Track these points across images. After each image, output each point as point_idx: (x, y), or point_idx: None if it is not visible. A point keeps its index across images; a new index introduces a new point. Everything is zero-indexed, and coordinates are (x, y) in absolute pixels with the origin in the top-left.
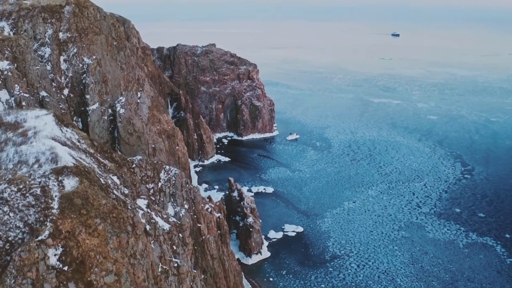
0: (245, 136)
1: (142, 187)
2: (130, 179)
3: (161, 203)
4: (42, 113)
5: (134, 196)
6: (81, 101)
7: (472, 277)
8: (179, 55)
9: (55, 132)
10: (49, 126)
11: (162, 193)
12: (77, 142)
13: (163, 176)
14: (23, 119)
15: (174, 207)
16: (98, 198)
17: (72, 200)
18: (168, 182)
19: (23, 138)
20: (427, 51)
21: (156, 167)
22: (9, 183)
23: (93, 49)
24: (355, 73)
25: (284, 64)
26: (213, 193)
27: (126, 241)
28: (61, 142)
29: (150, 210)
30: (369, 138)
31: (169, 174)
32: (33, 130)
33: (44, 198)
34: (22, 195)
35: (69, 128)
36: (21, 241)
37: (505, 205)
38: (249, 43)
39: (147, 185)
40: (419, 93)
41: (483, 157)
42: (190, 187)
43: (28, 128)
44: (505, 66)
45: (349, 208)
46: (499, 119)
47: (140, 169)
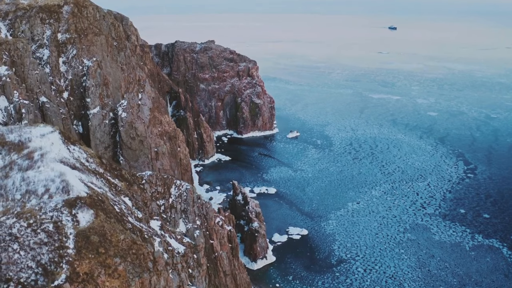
0: (245, 134)
1: (153, 205)
2: (141, 197)
3: (172, 220)
4: (47, 130)
5: (147, 218)
6: (81, 105)
7: (480, 281)
8: (178, 52)
9: (63, 154)
10: (56, 146)
11: (173, 209)
12: (86, 162)
13: (174, 191)
14: (28, 138)
15: (185, 223)
16: (116, 233)
17: (89, 237)
18: (179, 198)
19: (29, 162)
20: (424, 44)
21: (167, 182)
22: (18, 217)
23: (93, 50)
24: (353, 67)
25: (281, 59)
26: (214, 194)
27: (149, 281)
28: (70, 165)
29: (164, 231)
30: (370, 135)
31: (180, 189)
32: (39, 152)
33: (57, 235)
34: (33, 231)
35: (76, 146)
36: (34, 282)
37: (509, 205)
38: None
39: (157, 201)
40: (418, 88)
41: (485, 155)
42: (202, 203)
43: (33, 149)
44: (503, 61)
45: (353, 209)
46: (499, 116)
47: (150, 185)
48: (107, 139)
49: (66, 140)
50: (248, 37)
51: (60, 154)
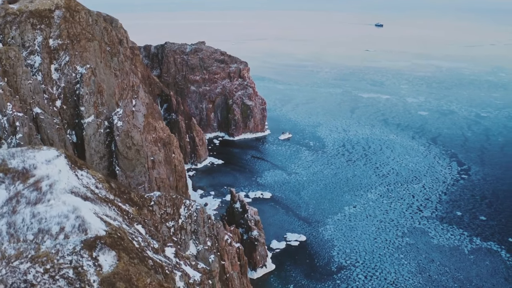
0: (236, 136)
1: (163, 228)
2: (152, 221)
3: (182, 242)
4: (52, 154)
5: (162, 247)
6: (74, 113)
7: (481, 286)
8: (168, 53)
9: (73, 182)
10: (64, 174)
11: (183, 230)
12: (96, 189)
13: (183, 212)
14: (33, 165)
15: (196, 245)
16: (142, 276)
17: (114, 284)
18: (189, 219)
19: (38, 194)
20: (411, 42)
21: (176, 203)
22: (33, 262)
23: (86, 56)
24: (341, 66)
25: (268, 57)
26: (209, 199)
27: None
28: (81, 195)
29: (179, 258)
30: (363, 136)
31: (190, 209)
32: (47, 182)
33: (79, 282)
34: (51, 278)
35: (83, 171)
36: None
37: (505, 207)
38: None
39: (167, 223)
40: (407, 87)
41: (478, 155)
42: (212, 223)
43: (40, 177)
44: (489, 58)
45: (350, 213)
46: (489, 115)
47: (159, 207)
48: (102, 148)
49: (73, 164)
50: (234, 35)
51: (70, 184)
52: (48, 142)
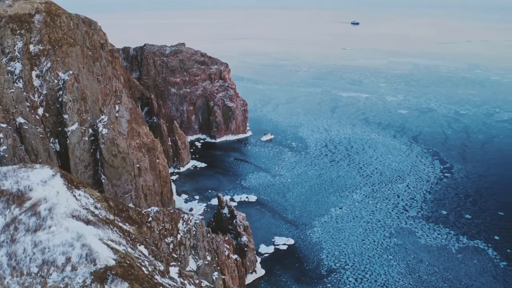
0: (218, 138)
1: (163, 245)
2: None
3: (182, 257)
4: (47, 174)
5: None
6: (57, 121)
7: (470, 285)
8: (147, 55)
9: (72, 205)
10: (62, 196)
11: (182, 246)
12: (95, 209)
13: (182, 227)
14: (28, 186)
15: (196, 260)
16: None
17: None
18: (188, 233)
19: (37, 219)
20: (387, 40)
21: (174, 217)
22: None
23: (69, 62)
24: (319, 65)
25: (246, 57)
26: (194, 204)
27: None
28: (83, 219)
29: (183, 278)
30: (344, 136)
31: (189, 224)
32: (45, 205)
33: None
34: None
35: (81, 190)
36: None
37: (489, 205)
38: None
39: (165, 239)
40: (386, 85)
41: (460, 153)
42: (212, 237)
43: (37, 200)
44: (465, 55)
45: (336, 215)
46: (468, 112)
47: (158, 222)
48: (87, 157)
49: (69, 184)
50: (210, 34)
51: (70, 206)
52: (32, 153)
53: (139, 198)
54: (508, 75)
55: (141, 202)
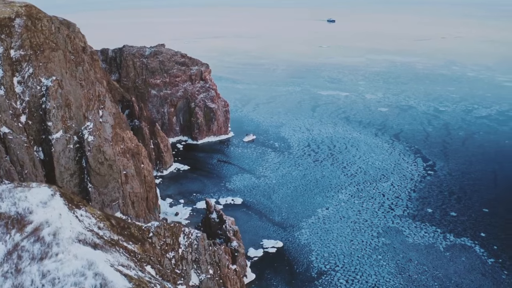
0: (200, 140)
1: (165, 261)
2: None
3: (184, 272)
4: (45, 193)
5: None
6: (41, 129)
7: (460, 283)
8: (126, 57)
9: (77, 228)
10: (65, 218)
11: (184, 260)
12: (99, 230)
13: (183, 241)
14: (27, 208)
15: (198, 274)
16: None
17: None
18: (190, 247)
19: (41, 246)
20: (363, 37)
21: (174, 231)
22: None
23: (51, 67)
24: (297, 63)
25: (224, 56)
26: (179, 208)
27: None
28: (90, 243)
29: None
30: (326, 135)
31: (190, 238)
32: (49, 230)
33: None
34: None
35: (82, 210)
36: None
37: (473, 201)
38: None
39: (167, 254)
40: (364, 83)
41: (441, 150)
42: (214, 250)
43: (39, 224)
44: (440, 51)
45: (323, 216)
46: (447, 109)
47: (159, 238)
48: (73, 165)
49: (70, 203)
50: (185, 33)
51: (75, 230)
52: (18, 164)
53: (127, 206)
54: (484, 71)
55: (128, 209)
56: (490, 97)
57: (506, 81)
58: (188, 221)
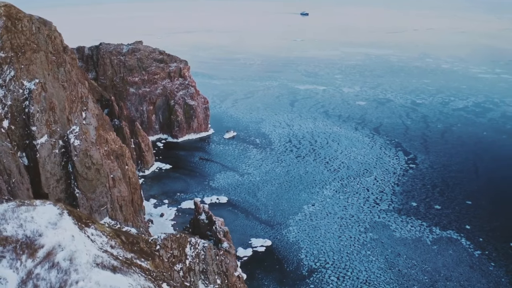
0: (180, 138)
1: (174, 274)
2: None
3: (192, 284)
4: (52, 212)
5: None
6: (24, 134)
7: (449, 276)
8: (103, 55)
9: (92, 250)
10: (78, 240)
11: (192, 272)
12: (112, 249)
13: (190, 251)
14: (36, 231)
15: (206, 285)
16: None
17: None
18: (197, 258)
19: (58, 273)
20: (337, 30)
21: (181, 242)
22: None
23: (33, 70)
24: (273, 57)
25: (197, 51)
26: (164, 208)
27: None
28: (108, 266)
29: None
30: (307, 130)
31: (197, 248)
32: (63, 254)
33: None
34: None
35: (91, 228)
36: None
37: (456, 194)
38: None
39: (174, 266)
40: (341, 76)
41: (421, 143)
42: (221, 259)
43: (51, 248)
44: (413, 44)
45: (310, 212)
46: (424, 101)
47: (166, 250)
48: (59, 170)
49: (79, 222)
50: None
51: (90, 253)
52: (5, 172)
53: (115, 210)
54: (458, 63)
55: (117, 214)
56: (466, 89)
57: (480, 72)
58: (174, 221)
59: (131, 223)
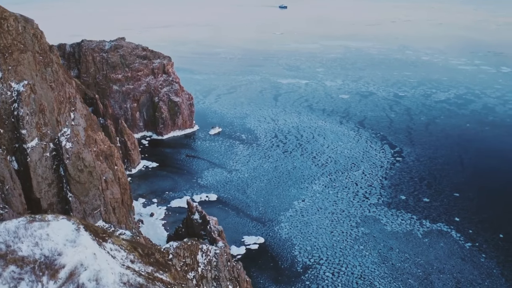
0: (165, 135)
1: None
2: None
3: None
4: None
5: None
6: (14, 137)
7: (442, 268)
8: (86, 52)
9: (116, 268)
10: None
11: (204, 279)
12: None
13: (201, 259)
14: (54, 250)
15: None
16: None
17: None
18: (209, 265)
19: None
20: (315, 23)
21: (192, 250)
22: None
23: (21, 71)
24: (253, 51)
25: (177, 46)
26: (153, 208)
27: None
28: (134, 284)
29: None
30: (292, 125)
31: (208, 255)
32: (87, 274)
33: None
34: None
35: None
36: None
37: (443, 186)
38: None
39: (187, 275)
40: (322, 70)
41: (406, 136)
42: (232, 265)
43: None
44: (392, 36)
45: (300, 208)
46: (407, 94)
47: (178, 259)
48: (50, 174)
49: (96, 237)
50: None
51: (115, 271)
52: None
53: (109, 213)
54: (437, 55)
55: (110, 217)
56: (447, 81)
57: (459, 64)
58: (164, 221)
59: (124, 225)
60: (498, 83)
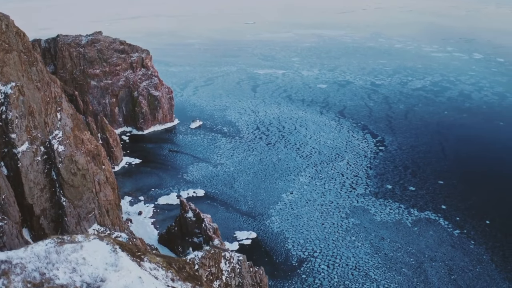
0: (146, 130)
1: None
2: None
3: None
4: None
5: None
6: (2, 142)
7: (433, 256)
8: (62, 47)
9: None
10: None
11: (229, 287)
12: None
13: (225, 266)
14: (95, 276)
15: None
16: None
17: None
18: (233, 273)
19: None
20: (286, 11)
21: (216, 258)
22: None
23: (7, 72)
24: (226, 42)
25: (149, 38)
26: (141, 206)
27: None
28: None
29: None
30: (273, 116)
31: (232, 262)
32: None
33: None
34: None
35: (146, 262)
36: None
37: (427, 174)
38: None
39: (213, 284)
40: (298, 59)
41: (387, 125)
42: (255, 270)
43: None
44: (364, 23)
45: (289, 200)
46: (383, 82)
47: (204, 268)
48: (42, 179)
49: (133, 256)
50: (100, 15)
51: None
52: None
53: (103, 216)
54: (410, 42)
55: (105, 219)
56: (421, 68)
57: (432, 51)
58: (153, 219)
59: (118, 227)
60: (472, 69)
